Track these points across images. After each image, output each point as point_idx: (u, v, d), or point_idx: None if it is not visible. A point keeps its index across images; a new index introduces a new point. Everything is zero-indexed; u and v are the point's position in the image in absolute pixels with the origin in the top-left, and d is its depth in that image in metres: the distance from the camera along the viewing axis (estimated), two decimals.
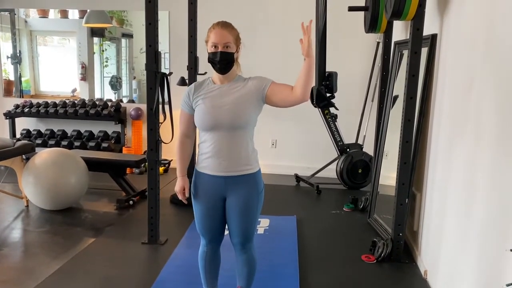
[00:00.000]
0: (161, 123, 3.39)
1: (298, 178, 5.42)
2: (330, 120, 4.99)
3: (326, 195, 4.98)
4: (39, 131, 6.25)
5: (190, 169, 2.33)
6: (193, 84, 2.27)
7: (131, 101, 6.66)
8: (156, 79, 3.28)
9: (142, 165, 5.07)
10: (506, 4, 1.99)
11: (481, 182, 2.14)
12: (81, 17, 6.26)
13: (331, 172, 5.22)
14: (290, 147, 5.84)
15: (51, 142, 6.05)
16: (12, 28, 6.50)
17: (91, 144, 5.97)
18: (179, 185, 2.28)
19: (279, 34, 5.48)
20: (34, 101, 6.26)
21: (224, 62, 2.12)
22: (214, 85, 2.20)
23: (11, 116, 6.16)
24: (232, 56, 2.14)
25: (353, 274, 3.08)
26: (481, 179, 2.14)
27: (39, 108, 6.06)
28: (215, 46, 2.11)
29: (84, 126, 6.24)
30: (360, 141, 5.32)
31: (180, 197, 2.29)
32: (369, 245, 3.39)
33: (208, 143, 2.16)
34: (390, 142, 3.87)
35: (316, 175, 5.26)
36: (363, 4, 4.33)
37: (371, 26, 4.06)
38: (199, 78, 4.10)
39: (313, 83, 2.06)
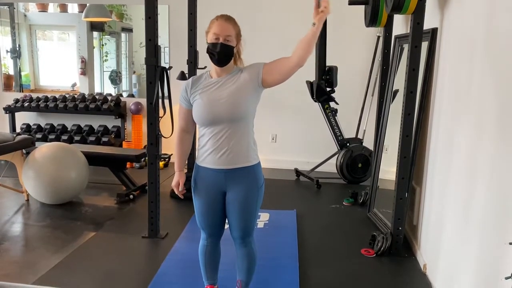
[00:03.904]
0: (161, 117, 3.38)
1: (298, 172, 5.42)
2: (330, 114, 4.99)
3: (326, 189, 4.98)
4: (39, 126, 6.25)
5: (192, 164, 2.33)
6: (190, 79, 2.26)
7: (131, 95, 6.65)
8: (156, 73, 3.27)
9: (142, 159, 5.08)
10: None
11: (481, 176, 2.14)
12: (81, 11, 6.24)
13: (331, 167, 5.23)
14: (290, 142, 5.85)
15: (51, 136, 6.05)
16: (12, 22, 6.48)
17: (91, 138, 5.97)
18: (175, 180, 2.29)
19: (279, 28, 5.46)
20: (34, 95, 6.26)
21: (222, 54, 2.10)
22: (211, 79, 2.19)
23: (11, 110, 6.15)
24: (232, 50, 2.13)
25: (352, 268, 3.09)
26: (481, 173, 2.15)
27: (39, 103, 6.06)
28: (216, 38, 2.10)
29: (84, 121, 6.23)
30: (360, 136, 5.32)
31: (176, 191, 2.30)
32: (369, 239, 3.40)
33: (208, 137, 2.16)
34: (390, 136, 3.87)
35: (316, 170, 5.26)
36: None
37: (372, 20, 4.05)
38: (199, 72, 4.09)
39: (311, 51, 2.05)
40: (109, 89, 6.69)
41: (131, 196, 4.42)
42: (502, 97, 1.98)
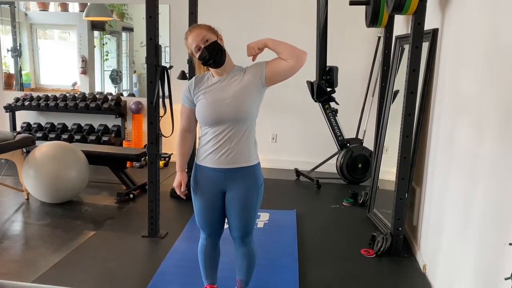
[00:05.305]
0: (161, 116, 3.39)
1: (298, 172, 5.42)
2: (331, 114, 4.99)
3: (326, 189, 4.98)
4: (39, 125, 6.26)
5: (191, 163, 2.33)
6: (193, 79, 2.26)
7: (132, 94, 6.65)
8: (156, 73, 3.27)
9: (142, 158, 5.08)
10: None
11: (481, 176, 2.14)
12: (82, 10, 6.25)
13: (331, 167, 5.23)
14: (290, 142, 5.85)
15: (52, 135, 6.06)
16: (12, 21, 6.48)
17: (92, 137, 5.97)
18: (177, 180, 2.29)
19: (279, 27, 5.46)
20: (35, 94, 6.26)
21: (214, 53, 2.09)
22: (214, 79, 2.19)
23: (11, 109, 6.16)
24: (218, 44, 2.13)
25: (352, 268, 3.09)
26: (481, 173, 2.15)
27: (40, 102, 6.06)
28: (198, 48, 2.11)
29: (84, 120, 6.24)
30: (360, 136, 5.32)
31: (178, 192, 2.29)
32: (369, 240, 3.40)
33: (210, 136, 2.16)
34: (390, 137, 3.87)
35: (316, 170, 5.26)
36: None
37: (372, 20, 4.04)
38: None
39: (291, 47, 2.07)
40: (110, 89, 6.70)
41: (131, 195, 4.42)
42: (502, 97, 1.98)
